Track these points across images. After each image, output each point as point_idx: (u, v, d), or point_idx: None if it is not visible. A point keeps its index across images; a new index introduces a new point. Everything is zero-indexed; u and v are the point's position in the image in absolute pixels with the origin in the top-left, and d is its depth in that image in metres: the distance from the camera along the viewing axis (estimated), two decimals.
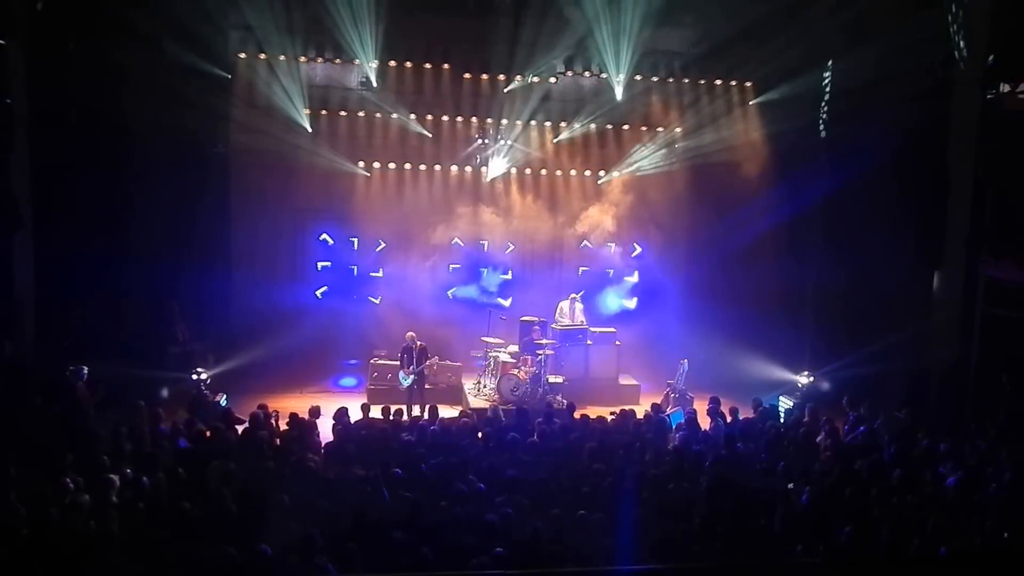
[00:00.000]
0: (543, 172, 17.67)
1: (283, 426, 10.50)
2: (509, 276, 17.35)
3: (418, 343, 13.69)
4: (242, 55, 15.59)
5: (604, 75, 16.48)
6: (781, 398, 13.87)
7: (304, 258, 17.24)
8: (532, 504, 7.65)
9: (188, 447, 9.48)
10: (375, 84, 16.03)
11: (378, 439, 9.83)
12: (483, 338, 15.01)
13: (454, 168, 17.31)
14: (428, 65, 16.29)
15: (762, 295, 16.21)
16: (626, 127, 17.37)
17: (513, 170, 17.38)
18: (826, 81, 15.50)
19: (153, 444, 9.43)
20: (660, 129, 17.11)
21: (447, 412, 11.61)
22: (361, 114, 16.63)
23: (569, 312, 15.54)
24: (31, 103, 12.60)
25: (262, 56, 15.60)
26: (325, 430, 10.53)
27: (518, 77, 16.34)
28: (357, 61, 15.78)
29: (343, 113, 16.48)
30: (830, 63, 15.26)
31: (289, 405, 11.24)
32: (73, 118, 12.72)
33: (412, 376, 13.47)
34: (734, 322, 16.16)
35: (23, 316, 12.49)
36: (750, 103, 16.78)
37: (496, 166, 17.18)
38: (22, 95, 12.50)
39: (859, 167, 14.79)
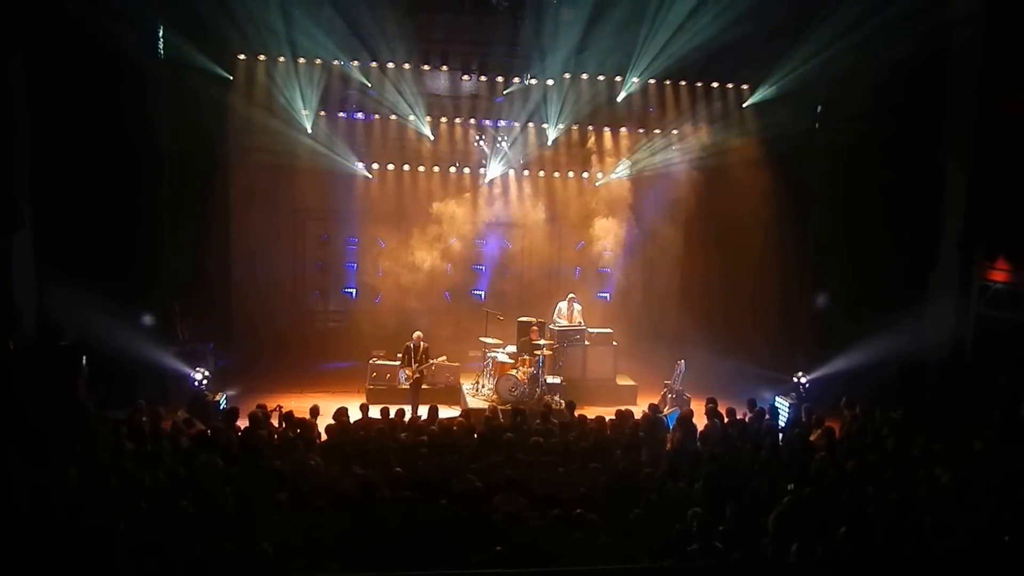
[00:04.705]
0: (541, 174, 17.78)
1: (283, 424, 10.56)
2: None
3: (422, 344, 13.78)
4: (242, 56, 15.65)
5: (602, 77, 16.56)
6: (778, 398, 13.94)
7: (304, 258, 17.33)
8: (530, 503, 7.70)
9: (189, 446, 9.52)
10: (371, 85, 16.12)
11: (376, 439, 9.87)
12: (481, 338, 15.06)
13: (453, 169, 17.40)
14: (426, 67, 16.37)
15: (758, 295, 16.30)
16: (624, 129, 17.46)
17: (511, 171, 17.48)
18: (822, 82, 15.53)
19: (154, 443, 9.47)
20: (657, 131, 17.20)
21: (446, 412, 11.66)
22: (360, 116, 16.71)
23: (567, 312, 15.60)
24: (31, 103, 12.66)
25: (262, 57, 15.68)
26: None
27: (516, 79, 16.42)
28: (356, 62, 15.86)
29: (342, 114, 16.54)
30: (826, 64, 15.34)
31: (289, 405, 11.28)
32: (73, 118, 12.75)
33: (413, 376, 13.58)
34: (730, 322, 16.28)
35: (23, 316, 12.53)
36: (746, 104, 16.86)
37: (494, 168, 17.27)
38: (22, 95, 12.56)
39: (855, 167, 14.90)
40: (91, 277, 12.65)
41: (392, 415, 10.77)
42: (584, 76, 16.53)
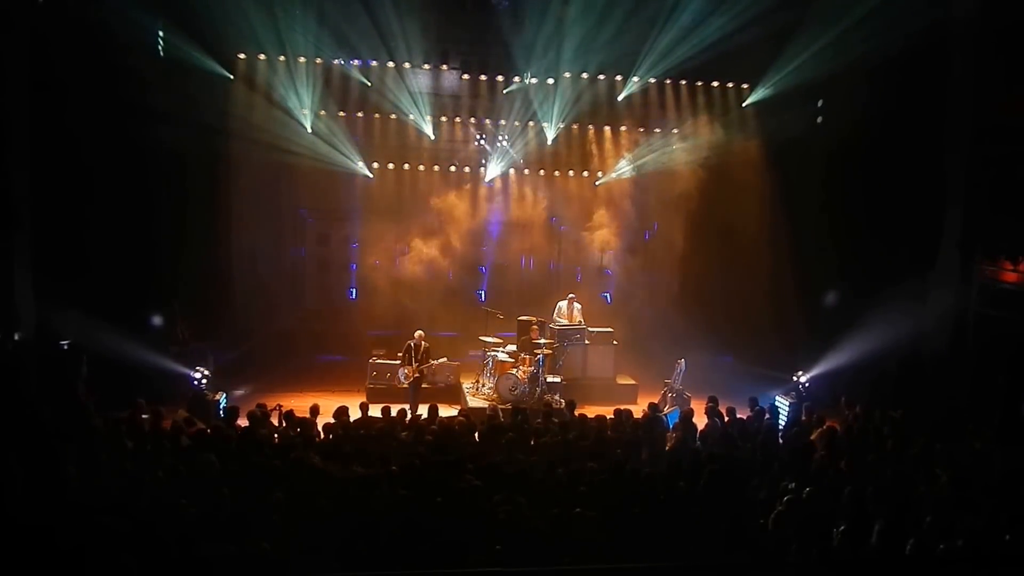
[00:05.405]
0: (541, 173, 17.79)
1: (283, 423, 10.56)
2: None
3: (423, 344, 13.78)
4: (242, 55, 15.65)
5: (602, 76, 16.57)
6: (778, 398, 13.93)
7: (303, 257, 17.34)
8: (530, 503, 7.70)
9: (189, 445, 9.52)
10: (371, 84, 16.14)
11: (377, 438, 9.88)
12: (481, 337, 15.06)
13: (453, 168, 17.41)
14: (427, 66, 16.37)
15: (758, 294, 16.31)
16: (624, 128, 17.47)
17: (511, 171, 17.49)
18: (821, 81, 15.49)
19: (154, 442, 9.48)
20: (657, 130, 17.23)
21: (445, 412, 11.66)
22: (360, 114, 16.72)
23: (567, 312, 15.59)
24: (31, 103, 12.65)
25: (262, 56, 15.69)
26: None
27: (516, 78, 16.43)
28: (356, 61, 15.87)
29: (342, 113, 16.55)
30: (825, 63, 15.33)
31: (289, 404, 11.28)
32: (72, 117, 12.75)
33: (414, 375, 13.59)
34: (730, 322, 16.28)
35: (23, 316, 12.53)
36: (746, 104, 16.87)
37: (495, 166, 17.29)
38: (22, 95, 12.55)
39: (854, 166, 14.90)
40: (90, 277, 12.67)
41: (393, 414, 10.78)
42: (584, 75, 16.54)
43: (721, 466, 8.71)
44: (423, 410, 11.48)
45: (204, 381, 13.19)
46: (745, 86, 16.91)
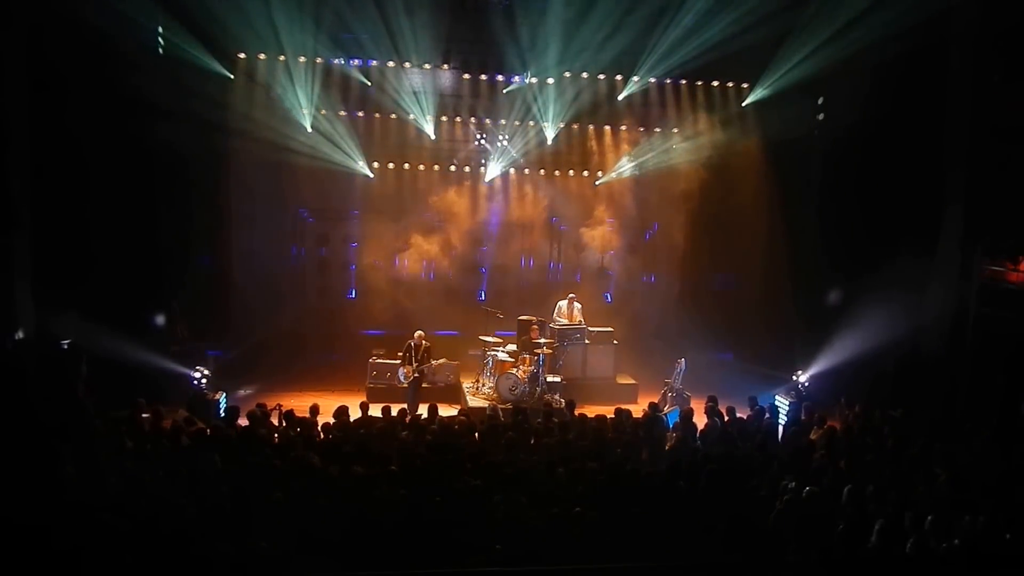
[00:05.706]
0: (541, 172, 17.78)
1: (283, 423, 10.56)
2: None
3: (424, 344, 13.78)
4: (242, 54, 15.65)
5: (602, 76, 16.57)
6: (777, 397, 13.93)
7: (303, 256, 17.34)
8: (530, 502, 7.71)
9: (189, 444, 9.52)
10: (371, 83, 16.15)
11: (377, 437, 9.88)
12: (481, 337, 15.06)
13: (453, 167, 17.41)
14: (427, 65, 16.37)
15: (758, 294, 16.31)
16: (624, 128, 17.46)
17: (511, 170, 17.49)
18: (820, 79, 15.46)
19: (154, 441, 9.48)
20: (657, 130, 17.22)
21: (446, 411, 11.66)
22: (361, 113, 16.72)
23: (567, 311, 15.60)
24: (30, 102, 12.64)
25: (262, 56, 15.69)
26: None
27: (517, 77, 16.43)
28: (356, 61, 15.87)
29: (343, 112, 16.55)
30: (824, 61, 15.30)
31: (289, 403, 11.28)
32: (72, 116, 12.75)
33: (413, 375, 13.58)
34: (730, 321, 16.28)
35: (22, 316, 12.52)
36: (745, 103, 16.87)
37: (495, 166, 17.29)
38: (21, 94, 12.54)
39: (854, 166, 14.90)
40: (90, 277, 12.66)
41: (393, 414, 10.77)
42: (584, 75, 16.54)
43: (721, 466, 8.72)
44: (423, 410, 11.48)
45: (204, 381, 13.19)
46: (745, 85, 16.90)
